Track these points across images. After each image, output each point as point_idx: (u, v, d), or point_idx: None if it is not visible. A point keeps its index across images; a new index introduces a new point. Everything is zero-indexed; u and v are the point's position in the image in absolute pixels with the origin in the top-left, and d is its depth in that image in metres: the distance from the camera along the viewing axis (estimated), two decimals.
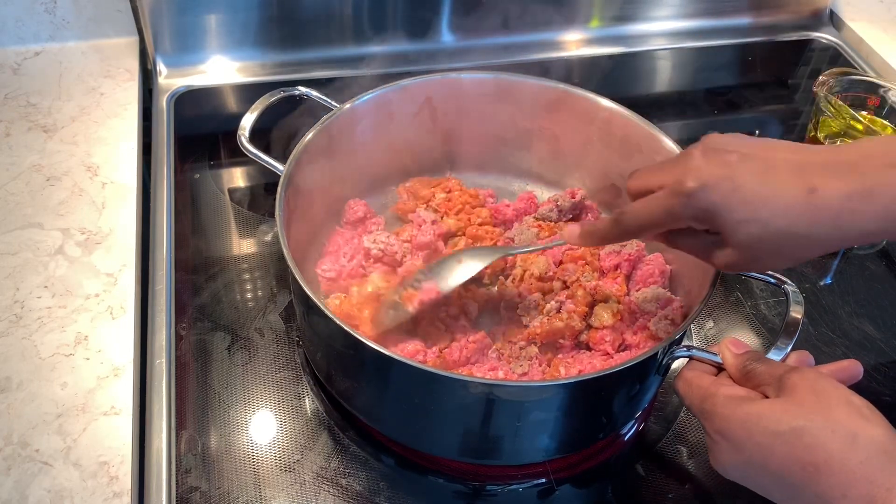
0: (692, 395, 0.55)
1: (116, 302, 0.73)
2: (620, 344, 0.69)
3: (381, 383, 0.62)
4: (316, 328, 0.64)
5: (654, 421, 0.71)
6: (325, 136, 0.72)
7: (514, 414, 0.59)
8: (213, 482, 0.64)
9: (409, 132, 0.81)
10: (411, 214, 0.80)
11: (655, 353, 0.57)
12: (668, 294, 0.71)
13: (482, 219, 0.79)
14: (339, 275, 0.73)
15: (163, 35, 0.99)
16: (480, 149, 0.85)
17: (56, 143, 0.88)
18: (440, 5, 1.05)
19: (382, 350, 0.54)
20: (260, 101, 0.74)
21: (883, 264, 0.88)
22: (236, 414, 0.68)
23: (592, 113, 0.77)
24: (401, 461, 0.67)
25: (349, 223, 0.78)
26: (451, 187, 0.82)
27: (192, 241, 0.83)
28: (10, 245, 0.77)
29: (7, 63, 0.99)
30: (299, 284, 0.57)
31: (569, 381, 0.58)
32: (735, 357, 0.55)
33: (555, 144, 0.83)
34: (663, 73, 1.15)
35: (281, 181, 0.65)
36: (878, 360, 0.78)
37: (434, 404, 0.59)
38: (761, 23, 1.19)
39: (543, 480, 0.66)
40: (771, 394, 0.50)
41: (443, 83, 0.79)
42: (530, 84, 0.79)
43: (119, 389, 0.67)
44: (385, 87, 0.77)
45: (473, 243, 0.77)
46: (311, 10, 1.01)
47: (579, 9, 1.11)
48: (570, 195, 0.80)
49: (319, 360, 0.67)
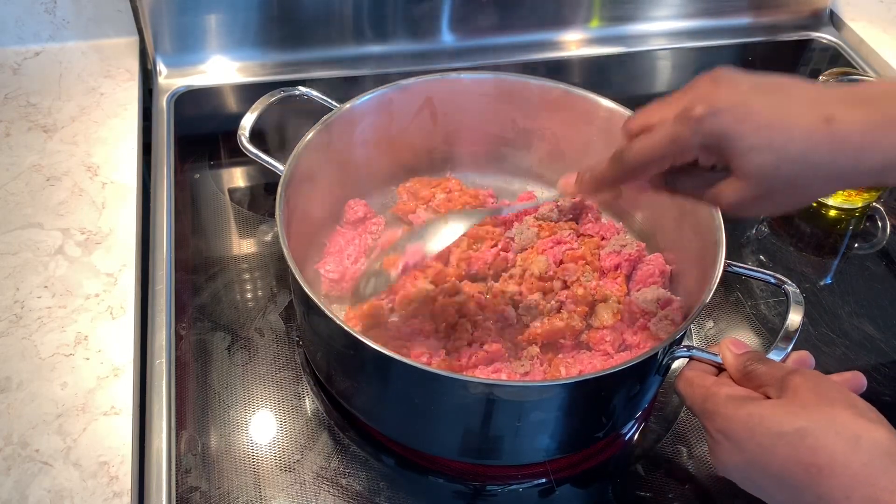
0: (693, 395, 0.55)
1: (116, 302, 0.73)
2: (620, 344, 0.69)
3: (381, 383, 0.62)
4: (316, 328, 0.64)
5: (654, 421, 0.71)
6: (326, 135, 0.72)
7: (515, 414, 0.59)
8: (213, 482, 0.64)
9: (410, 132, 0.81)
10: (411, 215, 0.80)
11: (655, 353, 0.57)
12: (668, 294, 0.71)
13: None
14: (342, 276, 0.73)
15: (163, 35, 0.99)
16: (481, 149, 0.85)
17: (56, 143, 0.88)
18: (440, 5, 1.05)
19: (382, 350, 0.54)
20: (260, 100, 0.74)
21: (883, 264, 0.88)
22: (236, 414, 0.68)
23: (593, 113, 0.77)
24: (401, 461, 0.67)
25: (349, 223, 0.78)
26: (452, 187, 0.82)
27: (192, 241, 0.83)
28: (10, 245, 0.77)
29: (7, 63, 0.99)
30: (300, 284, 0.57)
31: (569, 381, 0.58)
32: (735, 357, 0.54)
33: (555, 145, 0.83)
34: (663, 73, 1.15)
35: (281, 181, 0.65)
36: (878, 360, 0.78)
37: (434, 404, 0.59)
38: (761, 23, 1.19)
39: (543, 480, 0.66)
40: (773, 395, 0.50)
41: (443, 83, 0.79)
42: (531, 84, 0.79)
43: (119, 389, 0.67)
44: (385, 86, 0.77)
45: (474, 244, 0.77)
46: (311, 10, 1.01)
47: (579, 9, 1.11)
48: None
49: (319, 361, 0.67)
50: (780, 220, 0.92)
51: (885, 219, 0.93)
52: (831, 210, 0.93)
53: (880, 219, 0.93)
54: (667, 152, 0.49)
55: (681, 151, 0.49)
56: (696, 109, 0.47)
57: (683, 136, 0.48)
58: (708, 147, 0.48)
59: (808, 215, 0.92)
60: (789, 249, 0.89)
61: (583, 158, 0.81)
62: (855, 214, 0.93)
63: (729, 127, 0.46)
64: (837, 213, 0.92)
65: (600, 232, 0.78)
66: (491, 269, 0.74)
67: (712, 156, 0.48)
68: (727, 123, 0.46)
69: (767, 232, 0.90)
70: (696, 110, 0.47)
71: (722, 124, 0.46)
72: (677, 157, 0.49)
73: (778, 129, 0.46)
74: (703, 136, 0.47)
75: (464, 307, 0.69)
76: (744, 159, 0.46)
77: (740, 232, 0.89)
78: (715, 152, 0.48)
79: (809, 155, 0.46)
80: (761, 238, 0.90)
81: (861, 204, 0.92)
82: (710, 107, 0.47)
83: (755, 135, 0.46)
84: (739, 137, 0.46)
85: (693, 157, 0.49)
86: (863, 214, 0.93)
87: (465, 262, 0.74)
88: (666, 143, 0.49)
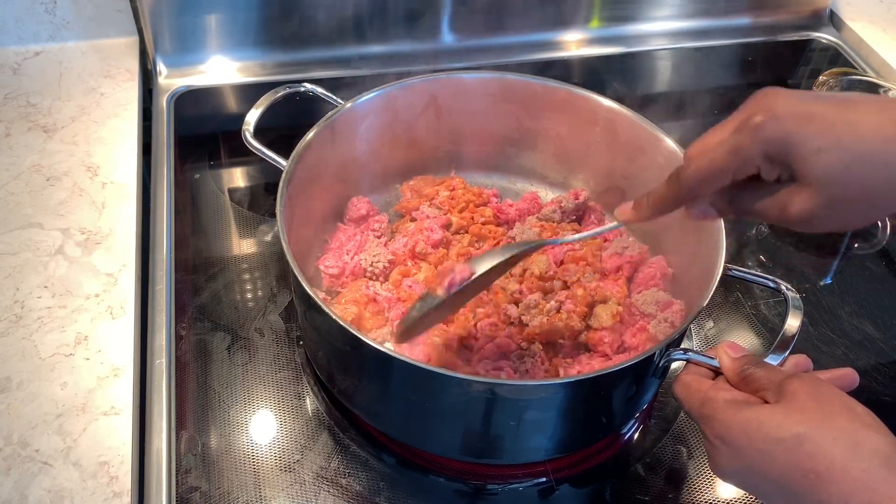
0: (691, 399, 0.54)
1: (116, 302, 0.73)
2: (620, 346, 0.69)
3: (381, 381, 0.62)
4: (316, 326, 0.64)
5: (653, 422, 0.71)
6: (329, 132, 0.72)
7: (513, 412, 0.59)
8: (213, 482, 0.64)
9: (414, 130, 0.81)
10: (415, 212, 0.80)
11: (652, 354, 0.57)
12: (668, 297, 0.71)
13: (486, 217, 0.79)
14: (341, 271, 0.73)
15: (163, 35, 0.99)
16: (485, 148, 0.85)
17: (56, 143, 0.88)
18: (440, 5, 1.05)
19: (382, 348, 0.54)
20: (265, 96, 0.74)
21: (883, 264, 0.88)
22: (236, 414, 0.68)
23: (596, 114, 0.78)
24: (401, 461, 0.67)
25: (352, 220, 0.78)
26: (455, 186, 0.82)
27: (192, 241, 0.83)
28: (10, 245, 0.77)
29: (7, 63, 0.99)
30: (300, 282, 0.57)
31: (566, 381, 0.58)
32: (733, 361, 0.54)
33: (559, 145, 0.83)
34: (663, 73, 1.15)
35: (283, 177, 0.65)
36: (878, 360, 0.77)
37: (433, 402, 0.59)
38: (761, 23, 1.19)
39: (543, 480, 0.66)
40: (771, 399, 0.50)
41: (448, 82, 0.79)
42: (535, 84, 0.79)
43: (119, 389, 0.67)
44: (390, 85, 0.77)
45: (476, 241, 0.77)
46: (311, 10, 1.01)
47: (579, 9, 1.11)
48: (574, 196, 0.80)
49: (320, 359, 0.67)
50: None
51: (885, 219, 0.93)
52: None
53: (880, 219, 0.93)
54: (727, 165, 0.46)
55: (742, 163, 0.46)
56: (755, 118, 0.45)
57: (744, 145, 0.45)
58: (770, 155, 0.45)
59: None
60: (789, 249, 0.89)
61: (586, 159, 0.82)
62: None
63: (792, 130, 0.44)
64: None
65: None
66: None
67: (776, 165, 0.45)
68: (790, 127, 0.44)
69: (767, 232, 0.90)
70: (755, 118, 0.45)
71: (785, 128, 0.44)
72: (739, 169, 0.46)
73: (845, 128, 0.43)
74: (765, 143, 0.44)
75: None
76: (810, 162, 0.43)
77: (740, 232, 0.89)
78: (778, 160, 0.45)
79: (881, 154, 0.42)
80: (761, 238, 0.90)
81: None
82: (771, 113, 0.44)
83: (821, 136, 0.43)
84: (804, 140, 0.43)
85: (755, 168, 0.46)
86: None
87: (465, 259, 0.74)
88: (724, 156, 0.46)
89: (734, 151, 0.46)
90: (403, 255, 0.75)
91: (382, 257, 0.74)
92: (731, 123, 0.46)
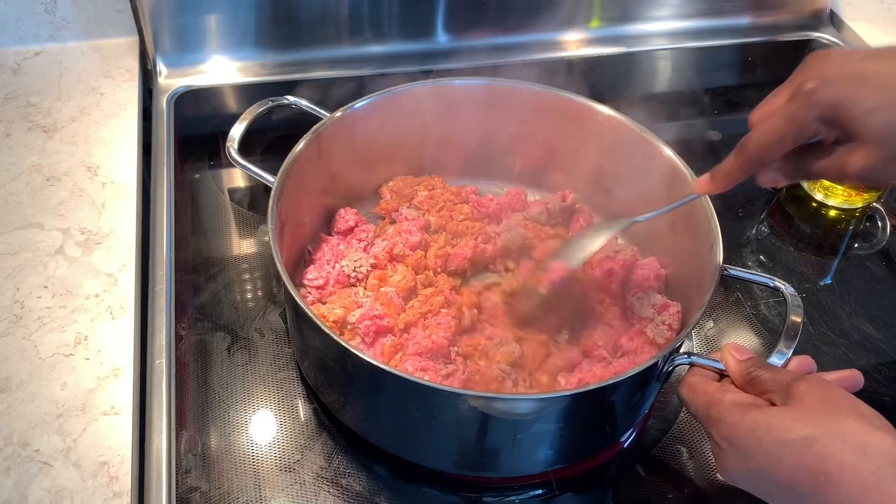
0: (697, 402, 0.54)
1: (116, 302, 0.73)
2: (618, 349, 0.69)
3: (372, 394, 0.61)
4: (305, 336, 0.64)
5: (653, 422, 0.71)
6: (316, 145, 0.72)
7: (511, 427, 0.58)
8: (213, 482, 0.64)
9: (401, 139, 0.81)
10: (395, 213, 0.80)
11: (656, 362, 0.56)
12: (664, 299, 0.71)
13: (464, 215, 0.79)
14: (326, 282, 0.72)
15: (163, 35, 0.99)
16: (472, 154, 0.84)
17: (56, 143, 0.88)
18: (438, 6, 1.05)
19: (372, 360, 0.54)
20: (248, 111, 0.74)
21: (883, 264, 0.88)
22: (236, 414, 0.68)
23: (584, 117, 0.77)
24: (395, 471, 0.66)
25: (340, 232, 0.78)
26: (434, 185, 0.82)
27: (192, 241, 0.83)
28: (10, 245, 0.77)
29: (7, 63, 0.99)
30: (291, 296, 0.57)
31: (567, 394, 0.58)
32: (738, 363, 0.54)
33: (546, 149, 0.82)
34: (663, 73, 1.15)
35: (272, 194, 0.65)
36: (878, 360, 0.77)
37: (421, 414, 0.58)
38: (761, 23, 1.19)
39: (544, 480, 0.66)
40: (778, 401, 0.50)
41: (434, 90, 0.79)
42: (521, 89, 0.79)
43: (119, 389, 0.67)
44: (375, 94, 0.76)
45: (453, 239, 0.77)
46: (311, 11, 1.01)
47: (579, 9, 1.11)
48: (561, 199, 0.80)
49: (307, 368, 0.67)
50: (780, 221, 0.92)
51: (885, 219, 0.93)
52: (831, 210, 0.93)
53: (880, 219, 0.93)
54: (786, 132, 0.49)
55: (799, 129, 0.48)
56: (807, 84, 0.47)
57: (799, 112, 0.47)
58: (826, 119, 0.47)
59: (807, 215, 0.92)
60: (789, 249, 0.89)
61: (574, 162, 0.81)
62: (855, 214, 0.92)
63: (844, 94, 0.46)
64: (837, 213, 0.92)
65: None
66: (469, 264, 0.75)
67: (833, 128, 0.48)
68: (842, 91, 0.46)
69: (767, 232, 0.90)
70: (807, 85, 0.47)
71: (837, 92, 0.46)
72: (797, 135, 0.49)
73: None
74: (820, 108, 0.47)
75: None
76: (865, 122, 0.46)
77: (740, 232, 0.89)
78: (834, 123, 0.47)
79: None
80: (761, 238, 0.90)
81: (861, 204, 0.92)
82: (821, 79, 0.46)
83: (873, 96, 0.45)
84: (857, 102, 0.46)
85: (813, 133, 0.48)
86: (863, 214, 0.93)
87: (442, 259, 0.74)
88: (783, 123, 0.49)
89: (790, 119, 0.48)
90: (384, 259, 0.74)
91: (364, 262, 0.73)
92: (786, 91, 0.49)
